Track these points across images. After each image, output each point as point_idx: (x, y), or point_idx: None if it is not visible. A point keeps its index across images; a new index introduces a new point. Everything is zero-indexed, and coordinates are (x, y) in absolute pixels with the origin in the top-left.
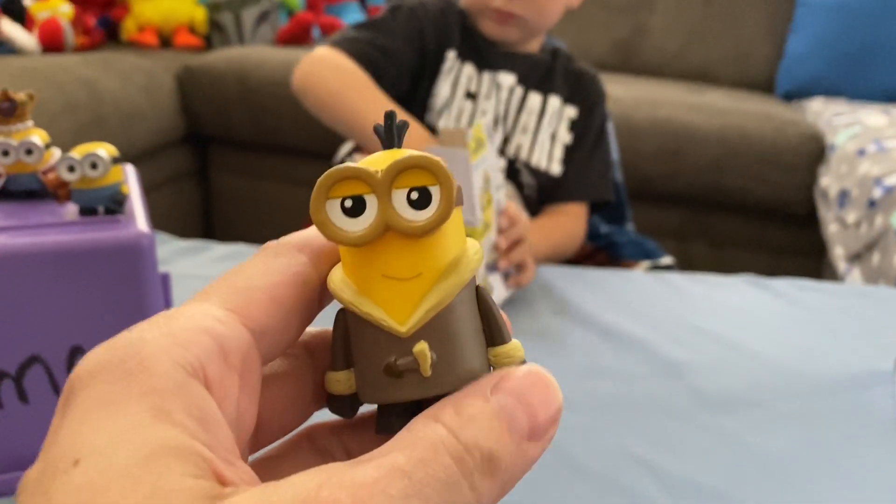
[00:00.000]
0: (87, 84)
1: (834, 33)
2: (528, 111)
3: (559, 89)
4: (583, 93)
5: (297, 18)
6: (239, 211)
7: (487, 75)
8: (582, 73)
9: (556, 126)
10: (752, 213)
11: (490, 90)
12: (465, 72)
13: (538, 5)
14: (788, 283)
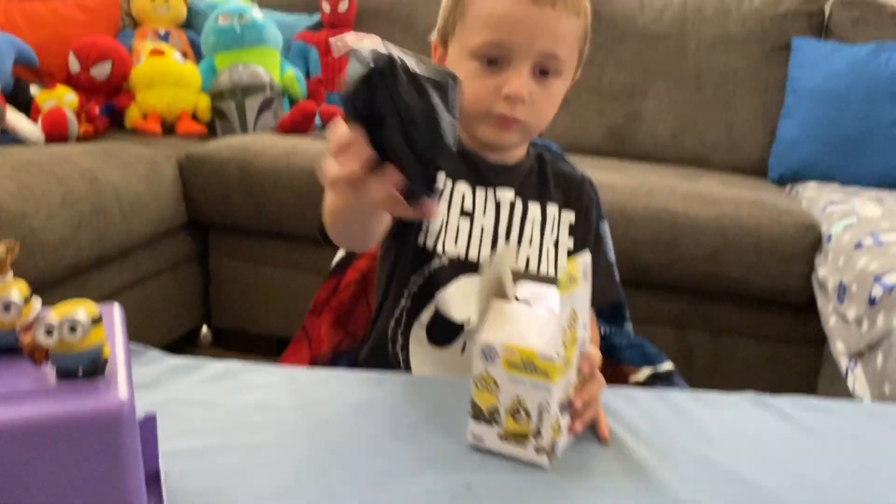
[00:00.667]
0: (88, 175)
1: (824, 119)
2: (531, 222)
3: (554, 196)
4: (577, 197)
5: (300, 107)
6: (238, 296)
7: (483, 192)
8: (572, 177)
9: (558, 233)
10: (750, 302)
11: (488, 207)
12: (459, 189)
13: (541, 109)
14: (793, 403)
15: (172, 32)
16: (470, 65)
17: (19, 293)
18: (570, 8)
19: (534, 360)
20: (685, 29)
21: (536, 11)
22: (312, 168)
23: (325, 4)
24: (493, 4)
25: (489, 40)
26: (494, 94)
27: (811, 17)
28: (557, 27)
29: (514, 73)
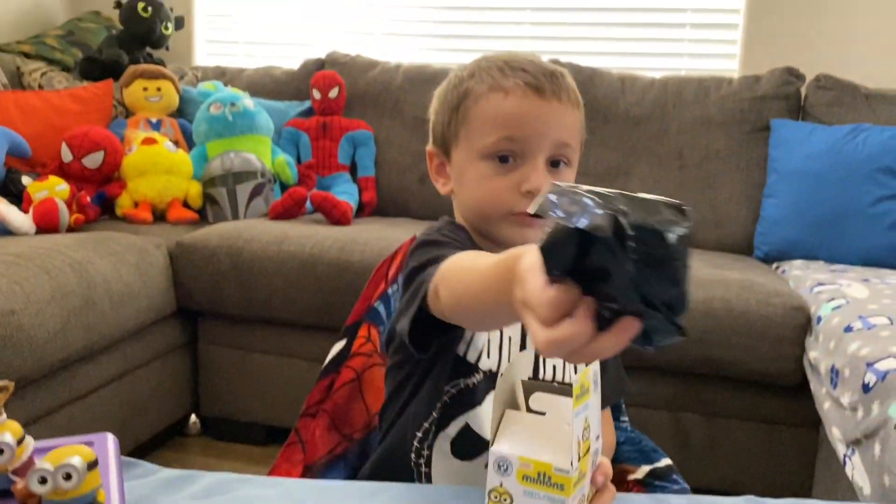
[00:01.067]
0: (77, 267)
1: (806, 198)
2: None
3: None
4: None
5: (291, 192)
6: (227, 383)
7: None
8: None
9: None
10: (743, 385)
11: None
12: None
13: None
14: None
15: (164, 121)
16: (482, 166)
17: (12, 435)
18: (572, 101)
19: (549, 473)
20: (666, 111)
21: (545, 105)
22: (303, 254)
23: (316, 91)
24: (499, 104)
25: (503, 138)
26: (514, 191)
27: (788, 98)
28: (565, 118)
29: (532, 168)
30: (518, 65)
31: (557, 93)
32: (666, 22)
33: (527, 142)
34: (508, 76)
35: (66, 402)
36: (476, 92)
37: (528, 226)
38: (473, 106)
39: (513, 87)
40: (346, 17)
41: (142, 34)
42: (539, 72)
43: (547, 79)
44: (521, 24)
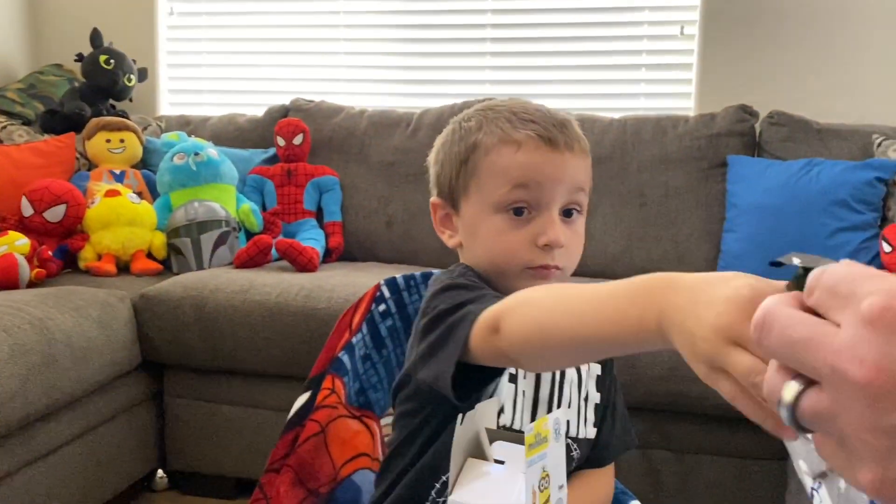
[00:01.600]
0: (38, 324)
1: (765, 233)
2: (569, 382)
3: None
4: None
5: (256, 240)
6: (194, 437)
7: None
8: None
9: (588, 388)
10: (711, 420)
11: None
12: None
13: (574, 251)
14: None
15: (128, 172)
16: (496, 219)
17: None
18: (583, 149)
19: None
20: (626, 150)
21: (558, 157)
22: (269, 303)
23: (280, 138)
24: (511, 157)
25: (516, 186)
26: (530, 245)
27: (743, 135)
28: (577, 168)
29: (548, 220)
30: (527, 116)
31: (570, 143)
32: (622, 64)
33: (542, 193)
34: (519, 128)
35: (26, 463)
36: (486, 144)
37: (544, 278)
38: (484, 158)
39: (524, 140)
40: (309, 63)
41: (104, 86)
42: (549, 122)
43: (558, 129)
44: (482, 69)
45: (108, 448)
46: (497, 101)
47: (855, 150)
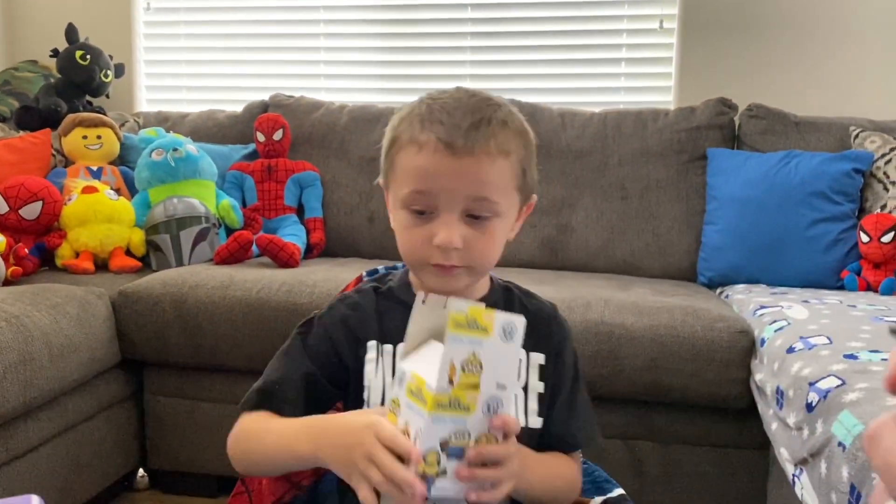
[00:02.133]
0: (14, 322)
1: (745, 224)
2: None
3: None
4: (546, 336)
5: (236, 236)
6: (175, 435)
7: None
8: (540, 313)
9: (527, 377)
10: (693, 410)
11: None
12: (401, 351)
13: (481, 251)
14: None
15: (105, 168)
16: (402, 215)
17: None
18: (493, 151)
19: (422, 389)
20: (606, 144)
21: (455, 162)
22: (250, 299)
23: (260, 134)
24: (413, 158)
25: (413, 191)
26: (427, 243)
27: (723, 128)
28: (479, 173)
29: (442, 223)
30: (438, 116)
31: (471, 147)
32: (602, 58)
33: (436, 198)
34: (426, 128)
35: (2, 463)
36: (400, 141)
37: (446, 275)
38: (397, 155)
39: (426, 143)
40: (288, 59)
41: (80, 82)
42: (457, 124)
43: (462, 134)
44: (463, 64)
45: (87, 447)
46: (437, 91)
47: (833, 142)
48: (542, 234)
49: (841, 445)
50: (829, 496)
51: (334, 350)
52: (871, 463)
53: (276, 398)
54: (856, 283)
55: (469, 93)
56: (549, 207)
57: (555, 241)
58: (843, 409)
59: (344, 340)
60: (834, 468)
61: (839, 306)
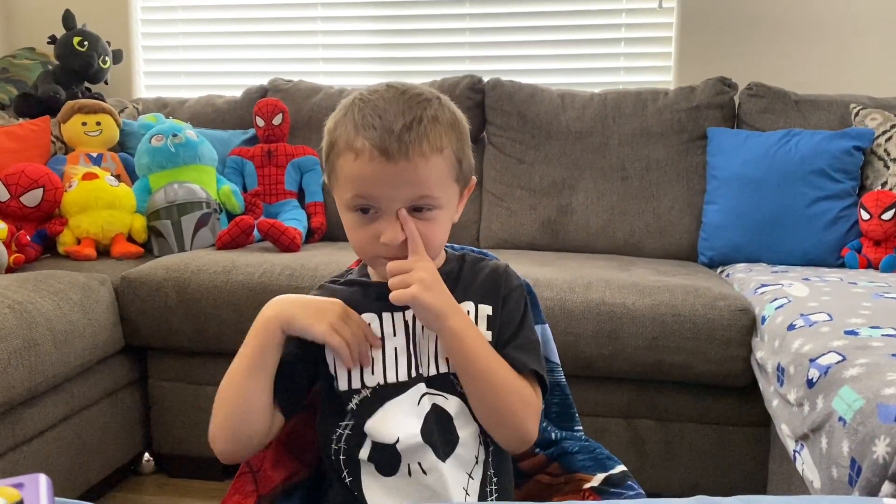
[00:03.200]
0: (18, 308)
1: (745, 203)
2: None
3: (470, 294)
4: (494, 289)
5: (237, 221)
6: (180, 419)
7: (390, 316)
8: (490, 269)
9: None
10: (694, 388)
11: (397, 328)
12: (364, 321)
13: (425, 239)
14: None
15: (105, 155)
16: (348, 216)
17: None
18: (427, 152)
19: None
20: (606, 124)
21: (391, 167)
22: (252, 283)
23: (259, 119)
24: (351, 165)
25: (355, 195)
26: (374, 241)
27: (723, 107)
28: (416, 175)
29: (386, 223)
30: (370, 121)
31: (405, 151)
32: (602, 38)
33: (377, 201)
34: (360, 134)
35: (9, 448)
36: (338, 147)
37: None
38: (336, 160)
39: (361, 150)
40: (287, 43)
41: (79, 68)
42: (389, 128)
43: (395, 137)
44: (462, 45)
45: (92, 432)
46: (368, 91)
47: (833, 119)
48: (542, 216)
49: (841, 420)
50: (829, 471)
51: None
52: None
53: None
54: (856, 261)
55: (399, 90)
56: (550, 189)
57: (555, 223)
58: (844, 384)
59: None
60: (834, 443)
61: (840, 283)
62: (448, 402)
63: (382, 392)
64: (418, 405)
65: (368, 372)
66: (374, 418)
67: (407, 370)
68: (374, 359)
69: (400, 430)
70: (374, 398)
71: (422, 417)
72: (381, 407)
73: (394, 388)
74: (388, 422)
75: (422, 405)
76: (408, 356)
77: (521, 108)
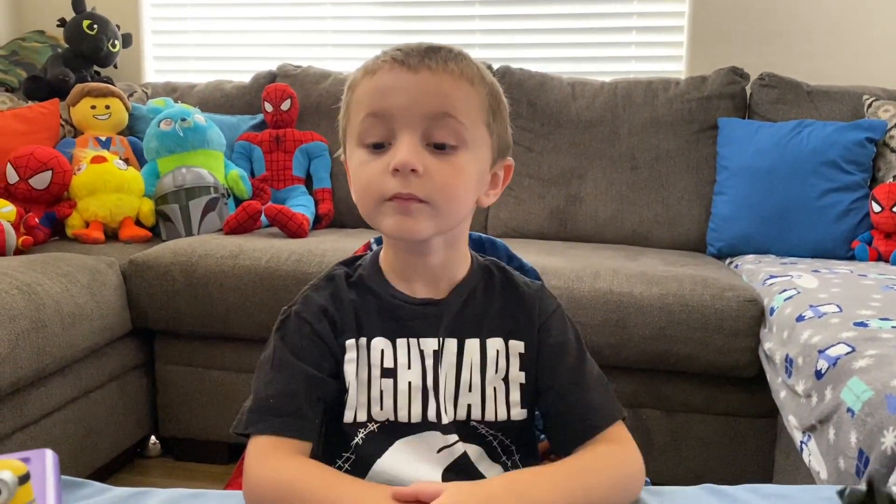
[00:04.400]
0: (26, 290)
1: (755, 194)
2: (468, 365)
3: (498, 327)
4: (527, 319)
5: (245, 206)
6: (186, 403)
7: (405, 343)
8: (521, 293)
9: (507, 367)
10: (701, 378)
11: (412, 358)
12: (376, 347)
13: (444, 183)
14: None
15: (114, 138)
16: (359, 153)
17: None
18: (456, 73)
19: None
20: (616, 114)
21: (411, 76)
22: (259, 268)
23: (267, 104)
24: (368, 83)
25: (367, 116)
26: (384, 173)
27: (734, 98)
28: (441, 88)
29: (401, 144)
30: (390, 51)
31: (429, 63)
32: (613, 27)
33: (391, 117)
34: (380, 58)
35: (17, 429)
36: (354, 81)
37: (405, 212)
38: (352, 96)
39: (380, 66)
40: (296, 29)
41: (88, 52)
42: (414, 49)
43: (420, 54)
44: (473, 33)
45: (99, 414)
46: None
47: (845, 111)
48: (551, 205)
49: (850, 411)
50: (836, 461)
51: (322, 343)
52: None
53: (300, 423)
54: (867, 253)
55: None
56: (559, 178)
57: (564, 212)
58: (853, 375)
59: (329, 332)
60: (842, 434)
61: (849, 276)
62: (469, 449)
63: (391, 429)
64: (438, 453)
65: (377, 405)
66: (384, 460)
67: (422, 410)
68: (384, 391)
69: (417, 476)
70: (381, 435)
71: (443, 466)
72: (391, 447)
73: (405, 427)
74: (403, 466)
75: (445, 454)
76: (423, 393)
77: (530, 97)
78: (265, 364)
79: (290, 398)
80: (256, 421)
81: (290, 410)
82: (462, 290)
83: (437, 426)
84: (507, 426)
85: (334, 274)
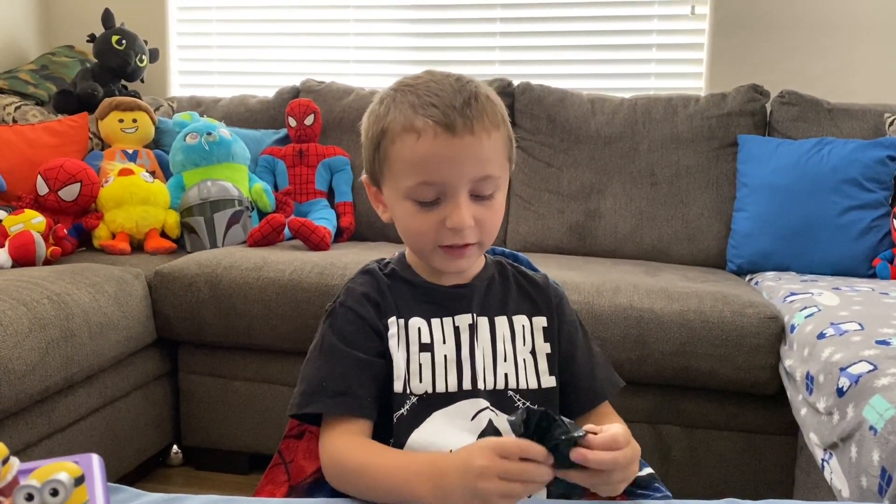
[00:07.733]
0: (56, 299)
1: (775, 212)
2: (501, 338)
3: (520, 306)
4: (545, 300)
5: (269, 219)
6: (209, 412)
7: (439, 321)
8: (534, 279)
9: (533, 341)
10: (721, 395)
11: (447, 334)
12: (413, 326)
13: (489, 226)
14: None
15: (141, 152)
16: (407, 204)
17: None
18: (488, 126)
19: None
20: (636, 130)
21: (458, 143)
22: (282, 280)
23: (291, 119)
24: (413, 147)
25: (420, 183)
26: (439, 227)
27: (754, 115)
28: (481, 151)
29: (453, 206)
30: (429, 98)
31: (470, 125)
32: (633, 44)
33: (444, 184)
34: (419, 113)
35: (44, 436)
36: (392, 132)
37: (457, 256)
38: (391, 146)
39: (423, 128)
40: (319, 45)
41: (116, 67)
42: (450, 104)
43: (458, 112)
44: (492, 49)
45: (124, 423)
46: (410, 77)
47: (866, 128)
48: (570, 220)
49: (872, 429)
50: (859, 480)
51: (367, 326)
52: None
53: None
54: (888, 271)
55: (442, 73)
56: (578, 193)
57: (583, 227)
58: (875, 393)
59: (373, 314)
60: (864, 452)
61: (871, 294)
62: (499, 420)
63: (428, 401)
64: (472, 420)
65: (416, 378)
66: (421, 430)
67: (457, 381)
68: (423, 365)
69: (454, 444)
70: (420, 407)
71: (476, 434)
72: (429, 418)
73: (442, 398)
74: (440, 435)
75: (477, 421)
76: (458, 365)
77: (550, 112)
78: (314, 352)
79: (340, 380)
80: (309, 403)
81: (340, 390)
82: (483, 278)
83: (472, 393)
84: (539, 394)
85: (369, 268)
